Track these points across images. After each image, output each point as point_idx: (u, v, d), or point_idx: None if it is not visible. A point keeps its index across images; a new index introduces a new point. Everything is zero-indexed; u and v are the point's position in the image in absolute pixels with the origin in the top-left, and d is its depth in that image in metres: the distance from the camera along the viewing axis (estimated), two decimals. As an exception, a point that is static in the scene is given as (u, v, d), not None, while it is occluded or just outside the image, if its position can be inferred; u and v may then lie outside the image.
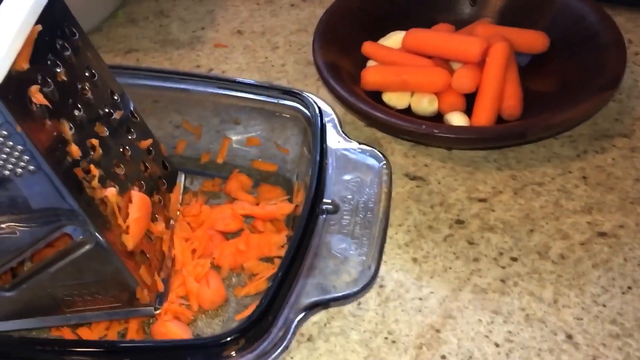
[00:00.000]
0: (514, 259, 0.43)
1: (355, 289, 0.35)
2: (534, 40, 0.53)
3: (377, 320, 0.40)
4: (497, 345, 0.39)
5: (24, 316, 0.38)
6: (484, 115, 0.49)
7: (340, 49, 0.54)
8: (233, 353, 0.32)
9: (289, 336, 0.33)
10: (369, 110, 0.47)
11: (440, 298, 0.41)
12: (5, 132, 0.30)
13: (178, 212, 0.45)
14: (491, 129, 0.48)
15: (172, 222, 0.44)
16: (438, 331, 0.40)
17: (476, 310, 0.40)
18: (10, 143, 0.30)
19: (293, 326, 0.34)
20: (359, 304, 0.41)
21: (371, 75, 0.52)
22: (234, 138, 0.49)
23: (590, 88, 0.48)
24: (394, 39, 0.55)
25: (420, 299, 0.41)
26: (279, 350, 0.33)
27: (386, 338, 0.39)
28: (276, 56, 0.61)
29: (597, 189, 0.47)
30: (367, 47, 0.54)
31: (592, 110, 0.48)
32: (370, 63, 0.55)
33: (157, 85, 0.48)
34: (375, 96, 0.52)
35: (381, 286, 0.42)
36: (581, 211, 0.46)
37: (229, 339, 0.32)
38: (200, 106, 0.49)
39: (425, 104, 0.51)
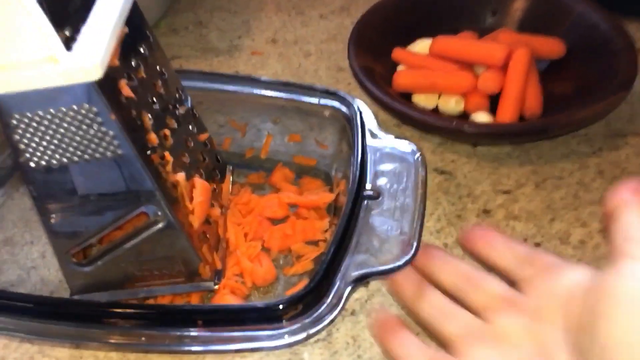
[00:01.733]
0: (538, 244, 0.47)
1: (398, 263, 0.39)
2: (552, 47, 0.58)
3: None
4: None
5: (97, 290, 0.42)
6: (507, 114, 0.53)
7: (372, 55, 0.58)
8: (290, 317, 0.36)
9: (341, 304, 0.37)
10: (404, 109, 0.52)
11: None
12: (100, 119, 0.34)
13: (229, 202, 0.49)
14: (516, 125, 0.52)
15: (224, 209, 0.48)
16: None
17: None
18: (104, 129, 0.35)
19: (345, 295, 0.37)
20: None
21: (402, 78, 0.57)
22: (276, 135, 0.54)
23: (604, 90, 0.52)
24: (421, 46, 0.60)
25: None
26: (332, 317, 0.37)
27: (422, 312, 0.43)
28: (309, 63, 0.66)
29: (612, 183, 0.51)
30: (397, 53, 0.59)
31: (607, 110, 0.52)
32: (400, 67, 0.59)
33: (203, 86, 0.51)
34: (405, 98, 0.57)
35: None
36: (598, 202, 0.50)
37: (288, 303, 0.36)
38: (242, 106, 0.53)
39: (452, 105, 0.56)
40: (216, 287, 0.43)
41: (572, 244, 0.47)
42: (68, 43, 0.34)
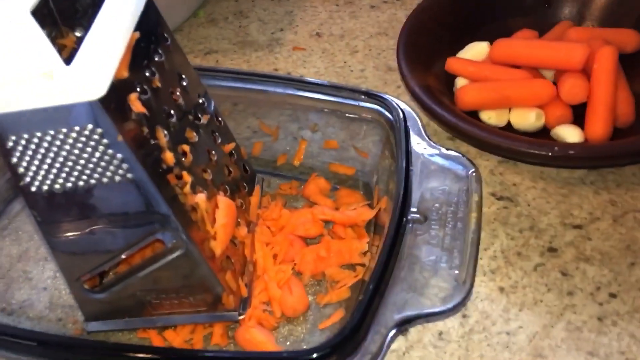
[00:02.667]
0: (613, 295, 0.40)
1: (449, 305, 0.33)
2: (627, 40, 0.50)
3: (459, 353, 0.38)
4: (593, 391, 0.36)
5: (112, 317, 0.39)
6: (599, 127, 0.46)
7: (423, 68, 0.51)
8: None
9: (382, 354, 0.32)
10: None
11: (530, 334, 0.39)
12: (106, 141, 0.30)
13: (257, 216, 0.45)
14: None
15: (252, 226, 0.44)
16: (528, 371, 0.37)
17: (570, 351, 0.38)
18: (110, 151, 0.31)
19: (386, 343, 0.32)
20: (441, 334, 0.39)
21: (469, 95, 0.49)
22: (312, 140, 0.49)
23: None
24: (475, 51, 0.53)
25: (508, 333, 0.39)
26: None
27: (470, 375, 0.37)
28: (355, 61, 0.60)
29: None
30: (453, 64, 0.52)
31: None
32: (459, 80, 0.52)
33: (236, 86, 0.47)
34: (470, 114, 0.49)
35: (464, 316, 0.40)
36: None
37: (320, 354, 0.31)
38: (278, 109, 0.48)
39: (532, 120, 0.48)
40: (241, 317, 0.39)
41: (655, 292, 0.40)
42: (79, 45, 0.29)
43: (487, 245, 0.43)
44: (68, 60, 0.29)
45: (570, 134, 0.46)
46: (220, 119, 0.43)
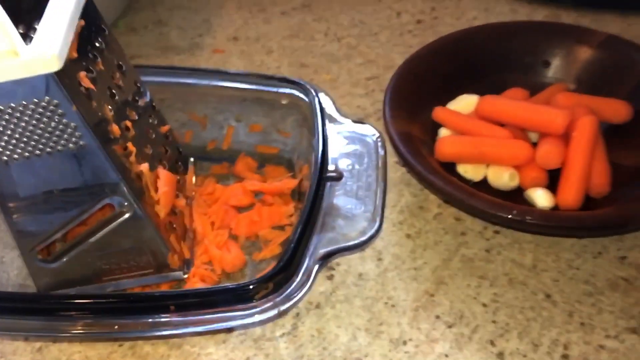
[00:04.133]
0: (497, 232, 0.48)
1: (363, 238, 0.40)
2: (616, 110, 0.51)
3: (377, 288, 0.45)
4: (484, 305, 0.44)
5: (64, 287, 0.42)
6: (571, 195, 0.46)
7: (408, 115, 0.51)
8: (261, 296, 0.37)
9: (310, 281, 0.38)
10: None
11: (433, 267, 0.46)
12: (61, 111, 0.35)
13: (194, 193, 0.50)
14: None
15: (189, 200, 0.49)
16: (432, 295, 0.44)
17: (465, 277, 0.45)
18: (65, 120, 0.35)
19: (313, 273, 0.38)
20: (360, 275, 0.46)
21: (447, 147, 0.50)
22: (238, 126, 0.54)
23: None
24: (464, 103, 0.53)
25: (415, 268, 0.46)
26: (301, 294, 0.38)
27: (386, 303, 0.44)
28: (271, 59, 0.66)
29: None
30: (439, 113, 0.52)
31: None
32: (442, 130, 0.53)
33: (162, 81, 0.51)
34: (449, 166, 0.50)
35: (379, 259, 0.47)
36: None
37: (259, 282, 0.37)
38: (204, 102, 0.53)
39: (506, 180, 0.48)
40: (185, 276, 0.44)
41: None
42: (23, 39, 0.34)
43: (395, 202, 0.51)
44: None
45: (540, 197, 0.47)
46: (154, 105, 0.48)
